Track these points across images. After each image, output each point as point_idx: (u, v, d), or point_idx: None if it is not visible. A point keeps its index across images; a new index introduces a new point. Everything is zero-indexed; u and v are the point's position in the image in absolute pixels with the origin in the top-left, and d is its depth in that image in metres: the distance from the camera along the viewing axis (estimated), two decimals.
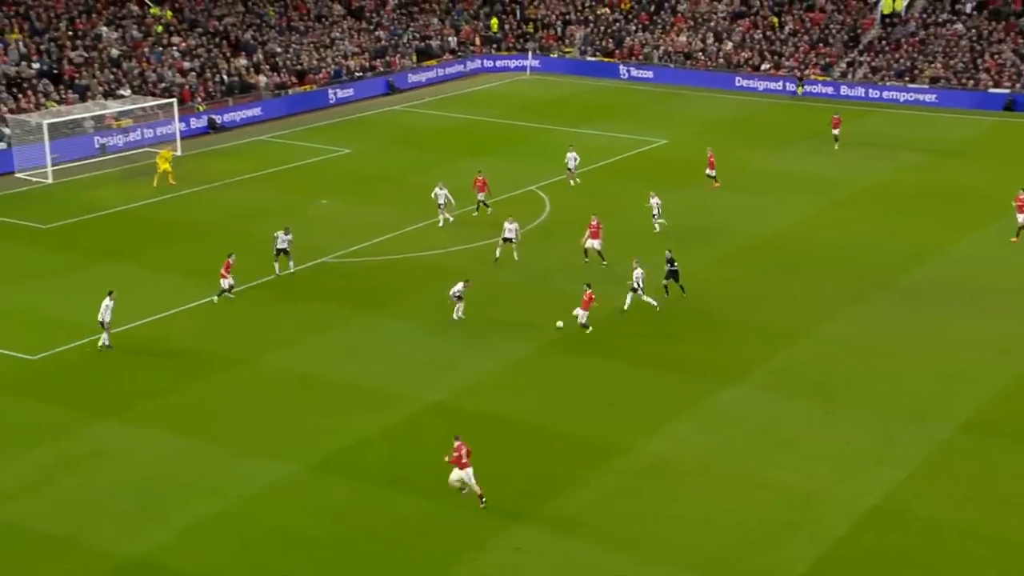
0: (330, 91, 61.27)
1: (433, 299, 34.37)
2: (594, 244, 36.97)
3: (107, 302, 30.37)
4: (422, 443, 26.56)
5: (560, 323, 31.95)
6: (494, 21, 73.27)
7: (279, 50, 62.91)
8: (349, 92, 62.18)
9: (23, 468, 24.95)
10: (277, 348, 31.16)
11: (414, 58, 68.01)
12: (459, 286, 32.72)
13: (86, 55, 55.45)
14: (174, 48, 59.06)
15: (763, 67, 66.36)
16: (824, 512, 23.79)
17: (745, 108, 61.37)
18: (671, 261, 34.25)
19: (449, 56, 69.65)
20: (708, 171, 46.00)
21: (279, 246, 35.86)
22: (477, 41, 71.59)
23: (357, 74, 64.05)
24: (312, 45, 64.94)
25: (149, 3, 62.06)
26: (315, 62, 63.10)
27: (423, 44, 69.45)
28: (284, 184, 46.52)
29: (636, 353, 31.19)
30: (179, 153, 50.23)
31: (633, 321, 33.17)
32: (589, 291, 32.10)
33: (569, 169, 46.03)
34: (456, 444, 23.83)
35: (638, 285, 33.29)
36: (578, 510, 23.86)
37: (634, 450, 26.20)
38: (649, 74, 67.65)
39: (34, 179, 46.02)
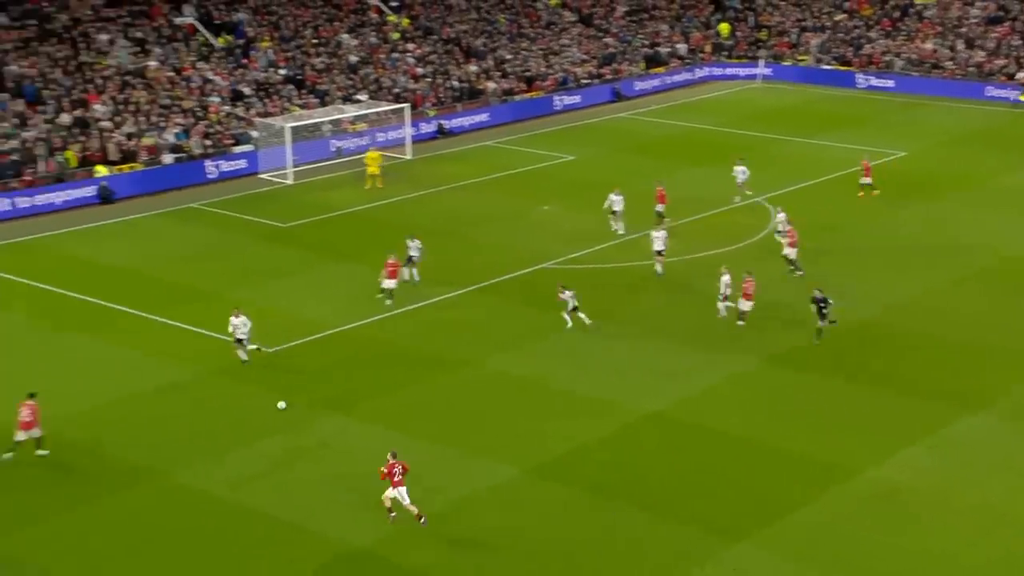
0: (556, 98, 61.94)
1: (655, 308, 34.20)
2: (789, 253, 36.00)
3: (234, 320, 30.47)
4: (639, 453, 26.42)
5: (281, 404, 28.16)
6: (724, 26, 72.25)
7: (508, 57, 64.13)
8: (575, 99, 62.66)
9: (257, 455, 26.32)
10: (499, 352, 31.68)
11: (642, 65, 67.88)
12: (568, 295, 32.41)
13: (327, 61, 58.20)
14: (408, 55, 61.18)
15: (1019, 75, 62.55)
16: None
17: (995, 119, 58.08)
18: (822, 301, 31.31)
19: (677, 63, 69.13)
20: (863, 179, 44.34)
21: (410, 253, 35.78)
22: (707, 48, 70.77)
23: (584, 81, 64.50)
24: (541, 52, 65.87)
25: (388, 11, 64.54)
26: (543, 69, 63.97)
27: (652, 51, 69.24)
28: (508, 189, 47.33)
29: (866, 372, 30.00)
30: (409, 157, 51.96)
31: (861, 339, 31.93)
32: (749, 279, 32.20)
33: (739, 184, 44.48)
34: (390, 461, 23.10)
35: (724, 291, 32.76)
36: (802, 533, 23.11)
37: (863, 474, 25.17)
38: (890, 83, 65.01)
39: (276, 180, 48.62)
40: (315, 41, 59.60)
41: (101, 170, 45.99)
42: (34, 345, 32.09)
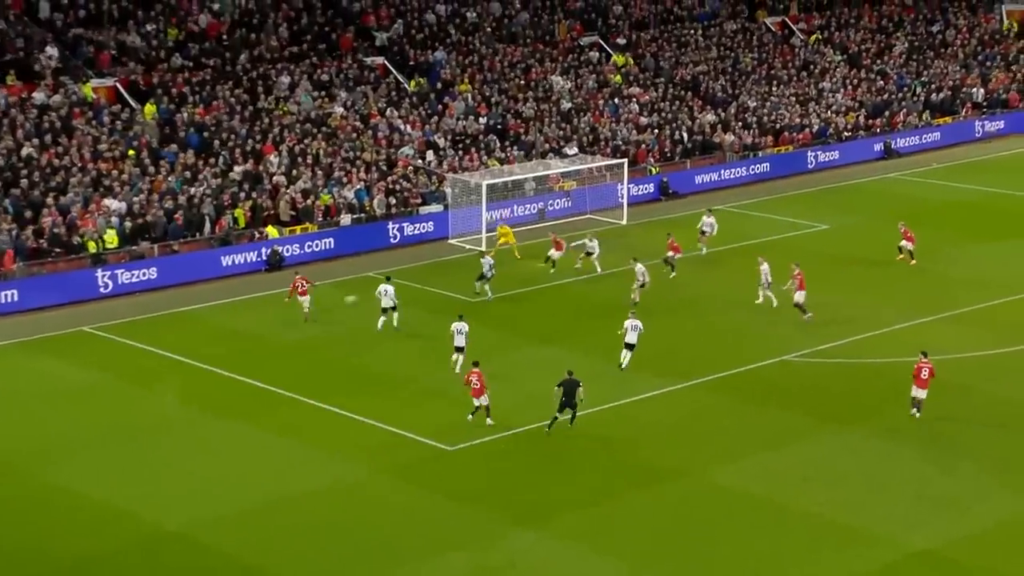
0: (809, 153, 61.24)
1: (930, 414, 32.97)
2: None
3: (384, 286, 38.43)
4: None
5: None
6: None
7: (753, 104, 63.82)
8: (833, 155, 61.82)
9: (434, 573, 26.44)
10: (725, 461, 31.13)
11: (922, 115, 66.32)
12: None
13: (536, 108, 59.17)
14: (633, 100, 61.68)
15: None
16: None
17: None
18: (572, 386, 31.74)
19: (972, 112, 67.22)
20: (903, 243, 45.01)
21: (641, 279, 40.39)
22: (1012, 92, 68.54)
23: (845, 134, 63.47)
24: (794, 98, 65.29)
25: (611, 50, 65.44)
26: (796, 119, 63.34)
27: (936, 97, 67.61)
28: (741, 263, 46.51)
29: None
30: (623, 222, 52.13)
31: None
32: None
33: (703, 232, 47.73)
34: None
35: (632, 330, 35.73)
36: None
37: None
38: None
39: (467, 245, 49.57)
40: (522, 84, 60.83)
41: (272, 232, 48.15)
42: (183, 432, 33.45)
